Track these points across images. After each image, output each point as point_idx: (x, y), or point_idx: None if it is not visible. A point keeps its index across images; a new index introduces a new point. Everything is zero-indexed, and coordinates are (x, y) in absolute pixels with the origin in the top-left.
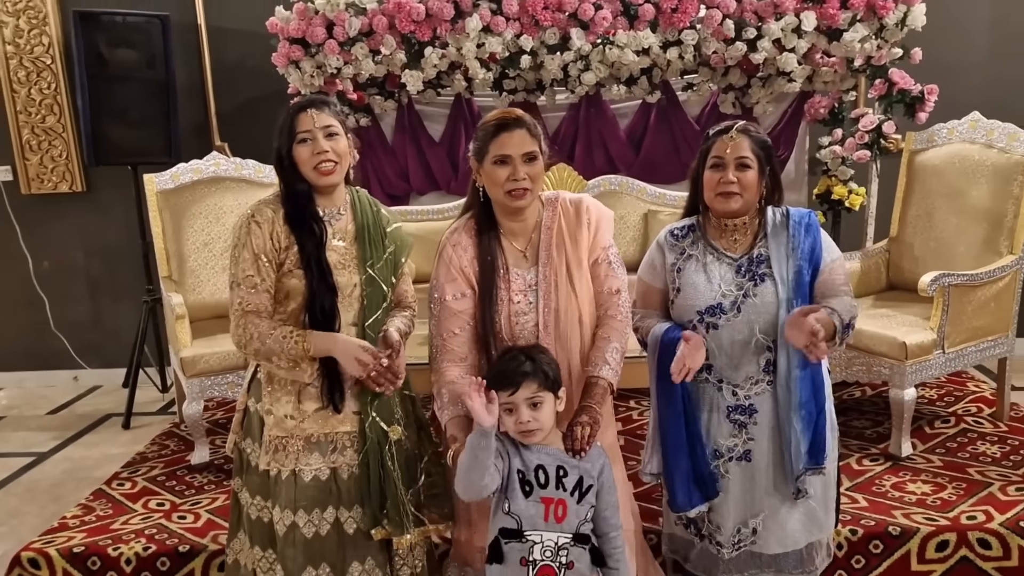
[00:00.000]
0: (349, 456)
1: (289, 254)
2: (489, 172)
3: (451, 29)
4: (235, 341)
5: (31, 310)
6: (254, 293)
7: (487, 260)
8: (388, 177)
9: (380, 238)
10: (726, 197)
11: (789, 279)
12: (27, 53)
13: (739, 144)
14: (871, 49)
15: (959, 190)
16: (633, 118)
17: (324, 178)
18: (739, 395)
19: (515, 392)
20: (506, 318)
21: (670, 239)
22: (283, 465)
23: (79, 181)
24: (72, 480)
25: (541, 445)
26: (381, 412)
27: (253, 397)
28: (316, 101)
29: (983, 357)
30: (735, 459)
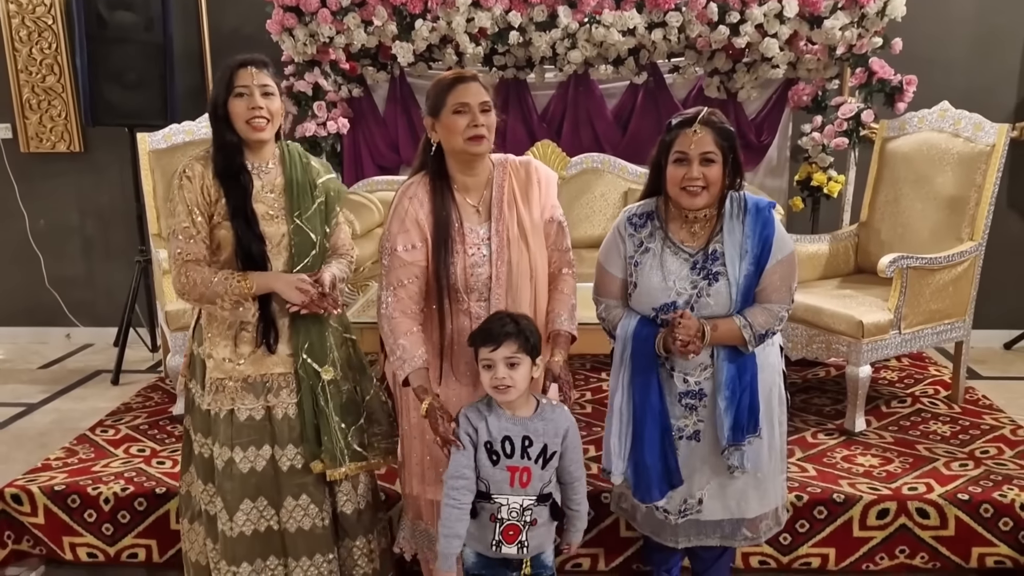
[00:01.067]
0: (284, 396)
1: (219, 206)
2: (448, 122)
3: (442, 3)
4: (177, 289)
5: (26, 267)
6: (192, 243)
7: (442, 214)
8: (379, 148)
9: (309, 189)
10: (692, 194)
11: (739, 281)
12: (29, 12)
13: (703, 139)
14: (852, 37)
15: (926, 177)
16: (620, 99)
17: (255, 133)
18: (689, 381)
19: (496, 349)
20: (462, 270)
21: (628, 228)
22: (222, 405)
23: (77, 141)
24: (59, 430)
25: (511, 415)
26: (313, 354)
27: (196, 341)
28: (256, 60)
29: (940, 340)
30: (685, 438)
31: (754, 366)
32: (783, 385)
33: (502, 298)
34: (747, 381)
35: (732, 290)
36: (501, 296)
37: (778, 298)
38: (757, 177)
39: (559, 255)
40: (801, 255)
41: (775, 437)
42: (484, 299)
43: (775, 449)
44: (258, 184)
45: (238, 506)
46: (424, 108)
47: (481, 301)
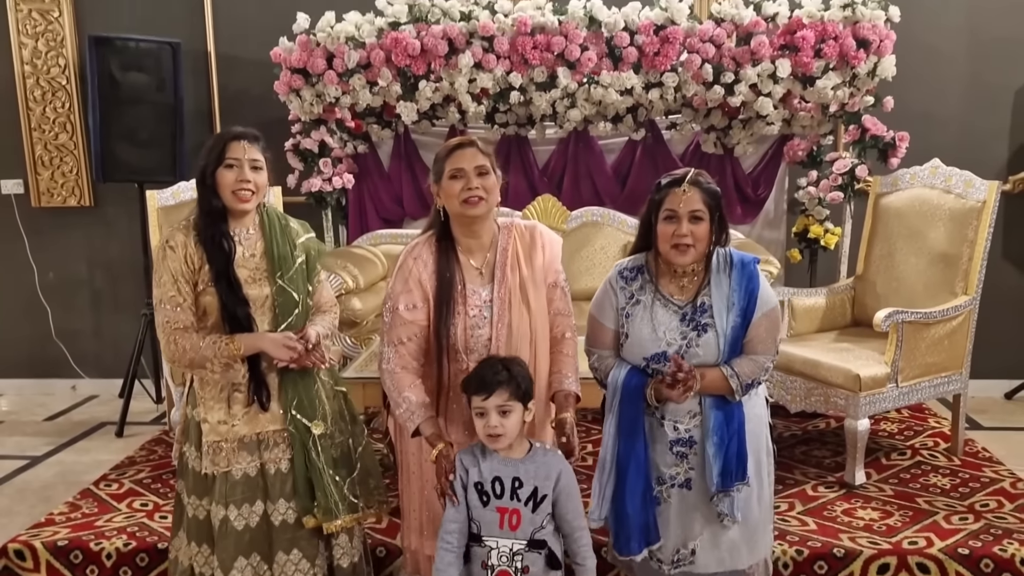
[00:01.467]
0: (277, 452)
1: (202, 273)
2: (446, 187)
3: (444, 64)
4: (168, 357)
5: (34, 319)
6: (179, 311)
7: (445, 275)
8: (383, 202)
9: (289, 250)
10: (681, 251)
11: (727, 332)
12: (44, 73)
13: (691, 197)
14: (844, 96)
15: (919, 232)
16: (619, 154)
17: (240, 204)
18: (680, 429)
19: (488, 397)
20: (462, 330)
21: (620, 281)
22: (219, 467)
23: (87, 196)
24: (63, 483)
25: (503, 456)
26: (302, 409)
27: (190, 404)
28: (248, 134)
29: (937, 393)
30: (676, 486)
31: (741, 415)
32: (770, 437)
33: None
34: (735, 428)
35: (720, 341)
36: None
37: (763, 349)
38: (755, 229)
39: (562, 319)
40: (798, 308)
41: (763, 488)
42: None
43: (764, 500)
44: (240, 250)
45: (232, 564)
46: (431, 175)
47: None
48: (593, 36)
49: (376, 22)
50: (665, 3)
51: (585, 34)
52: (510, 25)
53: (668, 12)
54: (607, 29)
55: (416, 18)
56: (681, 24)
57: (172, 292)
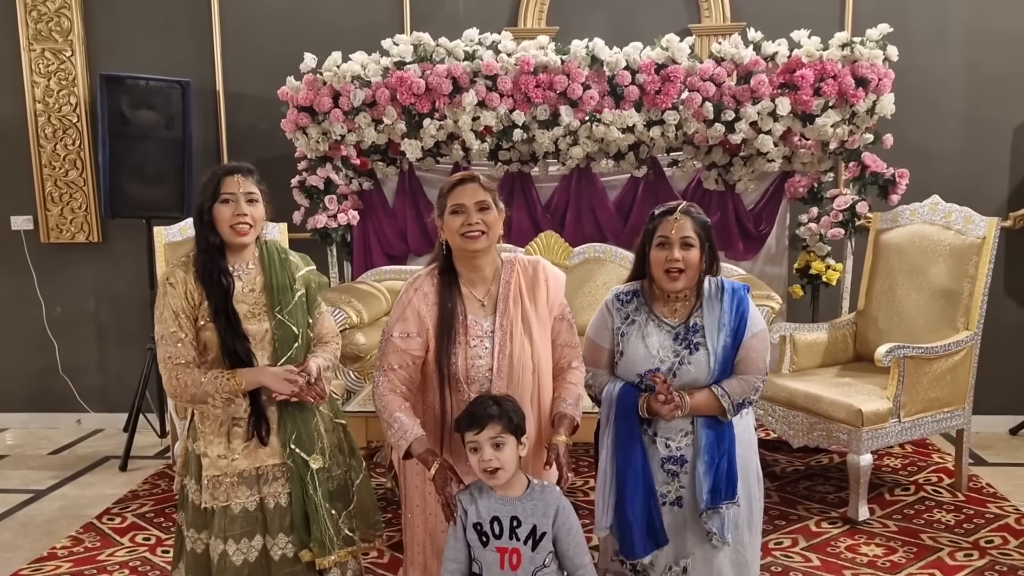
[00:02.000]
0: (277, 487)
1: (202, 308)
2: (448, 222)
3: (449, 103)
4: (170, 392)
5: (41, 354)
6: (180, 346)
7: (447, 305)
8: (388, 238)
9: (288, 283)
10: (673, 277)
11: (718, 352)
12: (55, 111)
13: (683, 225)
14: (844, 134)
15: (920, 267)
16: (622, 190)
17: (238, 237)
18: (671, 447)
19: (480, 432)
20: (463, 360)
21: (616, 303)
22: (218, 501)
23: (96, 232)
24: (66, 517)
25: (500, 495)
26: (300, 444)
27: (191, 438)
28: (243, 168)
29: (940, 428)
30: (668, 504)
31: (732, 436)
32: (759, 464)
33: (502, 390)
34: (725, 448)
35: (711, 359)
36: (502, 388)
37: (754, 369)
38: (757, 265)
39: (569, 350)
40: (800, 343)
41: (753, 513)
42: (485, 390)
43: (754, 525)
44: (239, 285)
45: None
46: (435, 210)
47: (482, 392)
48: (595, 75)
49: (382, 62)
50: (666, 43)
51: (587, 73)
52: (513, 64)
53: (669, 51)
54: (609, 68)
55: (421, 58)
56: (682, 63)
57: (173, 328)
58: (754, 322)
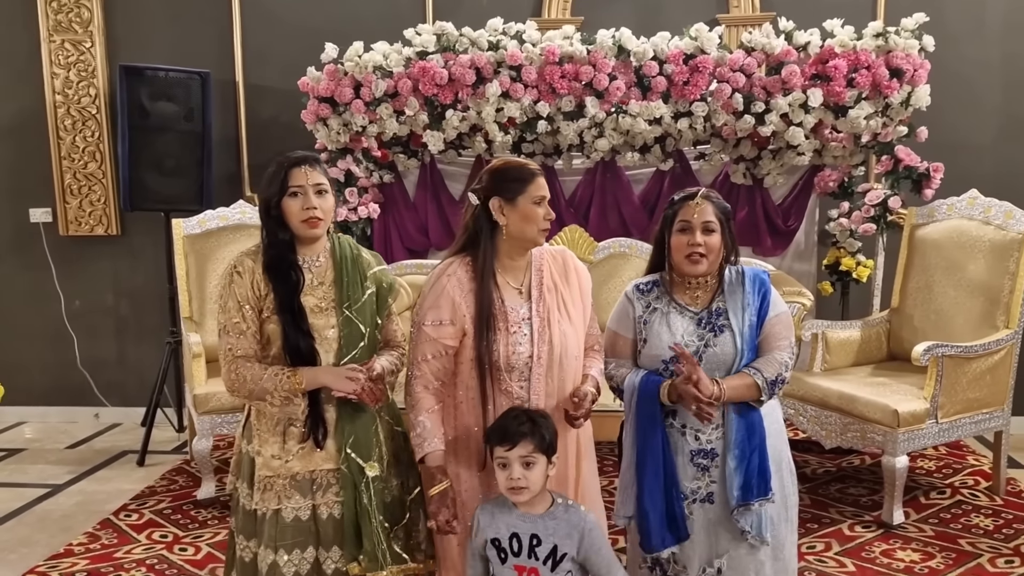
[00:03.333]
0: (331, 494)
1: (268, 301)
2: (527, 211)
3: (472, 94)
4: (228, 386)
5: (59, 347)
6: (242, 338)
7: (486, 292)
8: (409, 231)
9: (359, 281)
10: (694, 261)
11: (744, 331)
12: (75, 103)
13: (704, 209)
14: (877, 126)
15: (958, 264)
16: (647, 184)
17: (310, 231)
18: (701, 439)
19: (511, 448)
20: (504, 347)
21: (636, 293)
22: (269, 504)
23: (115, 225)
24: (83, 512)
25: (522, 511)
26: (358, 449)
27: (245, 439)
28: (309, 158)
29: (978, 429)
30: (699, 501)
31: (762, 429)
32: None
33: (542, 378)
34: (756, 443)
35: (737, 339)
36: (541, 375)
37: (781, 346)
38: (785, 261)
39: (592, 338)
40: (832, 341)
41: (788, 508)
42: (525, 379)
43: (790, 521)
44: (308, 277)
45: None
46: (487, 187)
47: (522, 381)
48: (622, 65)
49: (404, 52)
50: (695, 32)
51: (614, 63)
52: (538, 54)
53: (697, 41)
54: (636, 58)
55: (444, 48)
56: (711, 53)
57: (236, 319)
58: (776, 303)
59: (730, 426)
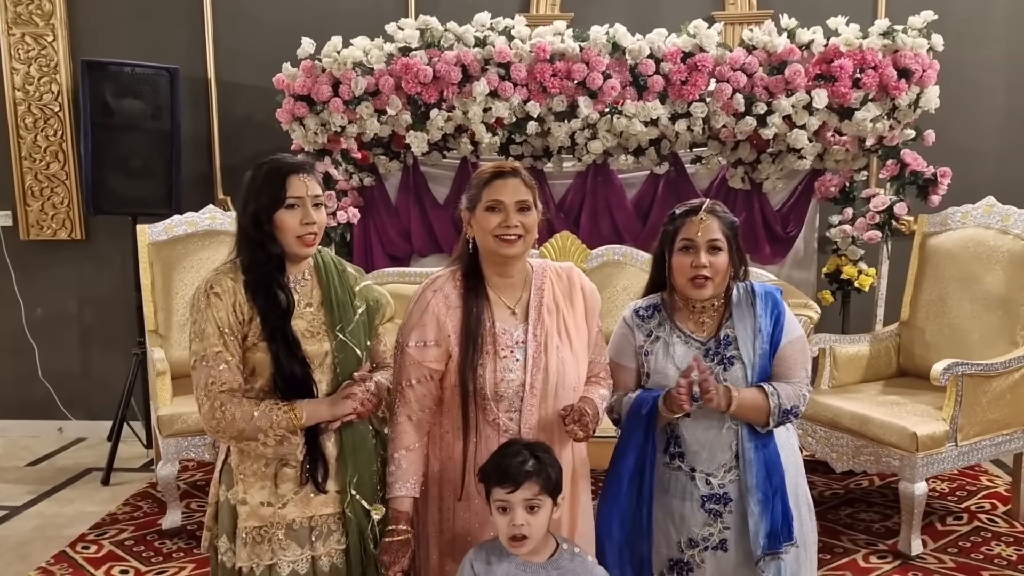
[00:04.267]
0: (333, 542)
1: (253, 326)
2: (481, 219)
3: (458, 92)
4: (211, 426)
5: (20, 358)
6: (225, 370)
7: (472, 311)
8: (391, 237)
9: (349, 299)
10: (699, 284)
11: (755, 361)
12: (36, 100)
13: (709, 226)
14: (883, 129)
15: (974, 276)
16: (641, 188)
17: (305, 249)
18: (713, 484)
19: (514, 491)
20: (491, 373)
21: (636, 319)
22: (261, 559)
23: (79, 229)
24: (41, 538)
25: (523, 560)
26: (362, 490)
27: (224, 485)
28: (307, 165)
29: (999, 452)
30: (710, 548)
31: (781, 467)
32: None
33: (535, 409)
34: (777, 483)
35: (748, 371)
36: (534, 408)
37: (798, 376)
38: (784, 269)
39: (599, 367)
40: (840, 356)
41: (808, 547)
42: (515, 409)
43: (810, 562)
44: (295, 299)
45: None
46: (463, 201)
47: (512, 412)
48: (616, 63)
49: (386, 47)
50: (693, 29)
51: (608, 61)
52: (528, 51)
53: (696, 39)
54: (631, 56)
55: (428, 43)
56: (710, 52)
57: (218, 348)
58: (791, 327)
59: (747, 467)
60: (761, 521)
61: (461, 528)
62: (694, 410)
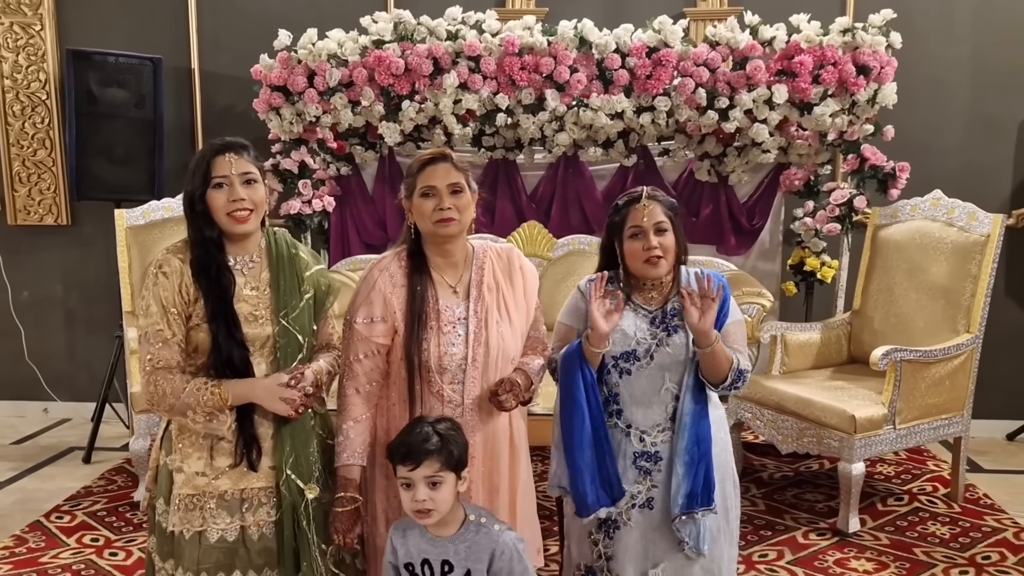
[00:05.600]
0: (263, 513)
1: (197, 307)
2: (417, 205)
3: (429, 84)
4: (146, 399)
5: (6, 340)
6: (163, 348)
7: (416, 288)
8: (366, 225)
9: (296, 284)
10: (653, 264)
11: None
12: (24, 88)
13: (653, 211)
14: (843, 124)
15: (920, 266)
16: (611, 180)
17: (238, 225)
18: (646, 441)
19: (415, 468)
20: (435, 347)
21: (589, 287)
22: (191, 525)
23: (65, 215)
24: (21, 511)
25: (432, 535)
26: (298, 469)
27: (164, 451)
28: (235, 145)
29: (937, 435)
30: (638, 506)
31: (710, 438)
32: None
33: (477, 381)
34: (704, 450)
35: (689, 340)
36: (476, 379)
37: (740, 352)
38: (749, 261)
39: (537, 342)
40: (791, 343)
41: (730, 521)
42: (458, 381)
43: (731, 535)
44: (241, 281)
45: None
46: (402, 189)
47: (455, 384)
48: (583, 58)
49: (360, 40)
50: (658, 25)
51: (575, 55)
52: (497, 45)
53: (661, 34)
54: (598, 51)
55: (401, 36)
56: (675, 47)
57: (160, 326)
58: (734, 310)
59: (681, 431)
60: (683, 482)
61: None
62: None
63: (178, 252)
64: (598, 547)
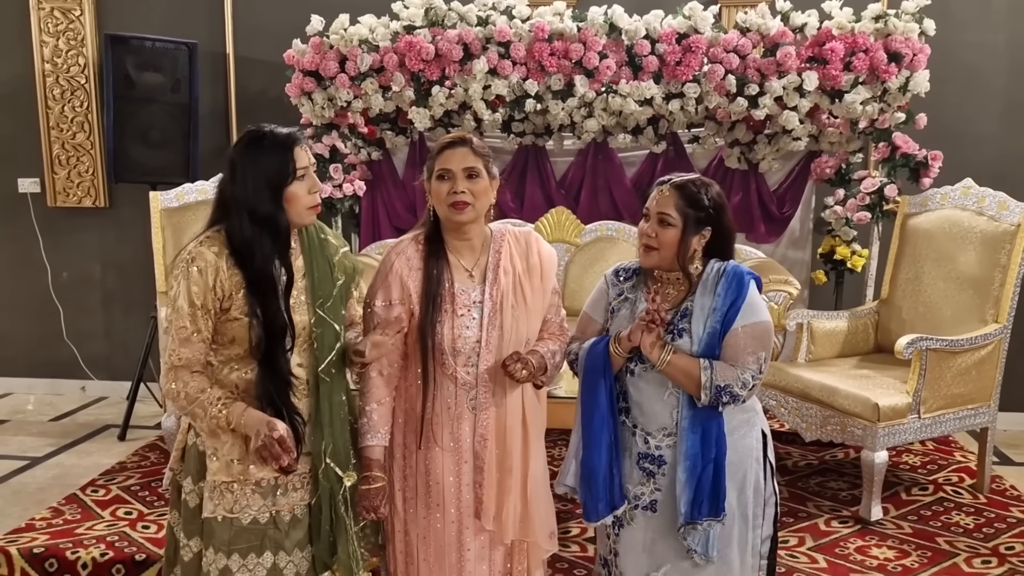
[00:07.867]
0: (296, 497)
1: (235, 300)
2: (434, 187)
3: (459, 70)
4: (164, 392)
5: (46, 319)
6: (185, 346)
7: (432, 271)
8: (396, 209)
9: (329, 271)
10: (645, 250)
11: (703, 338)
12: (64, 72)
13: (666, 200)
14: (874, 112)
15: (948, 255)
16: (640, 167)
17: (311, 217)
18: (650, 443)
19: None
20: (449, 330)
21: (613, 278)
22: (225, 510)
23: (102, 197)
24: (59, 486)
25: None
26: (336, 458)
27: (193, 431)
28: (301, 135)
29: (963, 426)
30: (641, 508)
31: (722, 444)
32: (765, 478)
33: (490, 364)
34: (711, 457)
35: (694, 346)
36: (490, 362)
37: (742, 361)
38: (779, 249)
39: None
40: (818, 331)
41: (750, 530)
42: (472, 364)
43: (750, 544)
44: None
45: None
46: (423, 172)
47: (469, 366)
48: (613, 44)
49: (391, 26)
50: (688, 11)
51: (604, 42)
52: (527, 31)
53: (691, 20)
54: (627, 37)
55: (432, 22)
56: (705, 33)
57: (185, 323)
58: (750, 311)
59: (682, 436)
60: (685, 489)
61: (422, 472)
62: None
63: (210, 243)
64: (609, 540)
